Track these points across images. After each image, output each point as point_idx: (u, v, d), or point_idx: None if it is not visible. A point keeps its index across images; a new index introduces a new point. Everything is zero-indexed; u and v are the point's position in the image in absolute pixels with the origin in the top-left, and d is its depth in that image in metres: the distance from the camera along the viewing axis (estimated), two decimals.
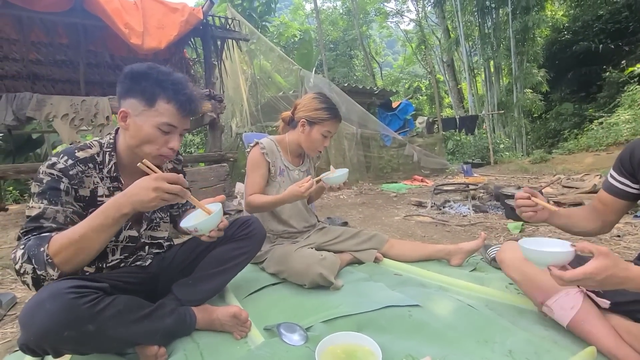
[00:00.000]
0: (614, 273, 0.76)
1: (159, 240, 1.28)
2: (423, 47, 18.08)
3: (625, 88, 8.33)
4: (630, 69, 8.83)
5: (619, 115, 7.52)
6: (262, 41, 6.32)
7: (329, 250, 1.64)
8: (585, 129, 8.48)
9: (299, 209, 1.74)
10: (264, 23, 8.40)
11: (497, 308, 1.28)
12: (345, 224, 2.55)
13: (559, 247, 0.90)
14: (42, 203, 0.93)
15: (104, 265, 1.11)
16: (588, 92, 11.07)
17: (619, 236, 2.15)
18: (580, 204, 2.94)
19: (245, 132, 4.83)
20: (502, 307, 1.29)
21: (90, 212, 0.97)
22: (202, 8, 4.13)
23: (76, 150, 1.02)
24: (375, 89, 8.66)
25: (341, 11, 20.70)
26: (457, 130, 9.21)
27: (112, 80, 5.10)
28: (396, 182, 5.77)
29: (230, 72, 5.68)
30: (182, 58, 5.02)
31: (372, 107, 8.37)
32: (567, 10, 13.16)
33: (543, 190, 3.29)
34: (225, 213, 3.68)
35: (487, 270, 1.68)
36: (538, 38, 11.64)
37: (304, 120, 1.60)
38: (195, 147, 9.18)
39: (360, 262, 1.75)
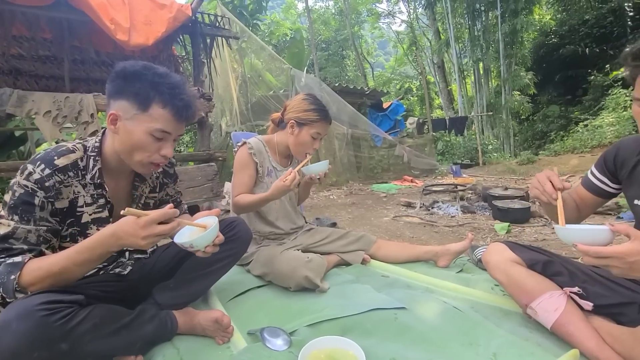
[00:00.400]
0: None
1: None
2: (414, 48, 18.21)
3: (610, 91, 8.53)
4: (615, 72, 9.05)
5: (603, 118, 7.70)
6: (253, 40, 6.26)
7: (316, 252, 1.63)
8: (571, 131, 8.66)
9: (286, 210, 1.72)
10: (255, 21, 8.33)
11: (482, 310, 1.28)
12: (334, 224, 2.54)
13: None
14: (12, 220, 0.86)
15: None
16: (574, 95, 11.30)
17: None
18: None
19: (235, 131, 4.78)
20: (488, 309, 1.30)
21: (69, 224, 0.93)
22: (191, 5, 4.07)
23: (56, 157, 0.94)
24: (366, 89, 8.67)
25: (333, 11, 20.72)
26: (447, 131, 9.30)
27: (98, 77, 4.98)
28: (386, 183, 5.79)
29: (220, 71, 5.61)
30: (171, 55, 4.92)
31: (363, 107, 8.39)
32: (554, 14, 13.41)
33: (529, 191, 3.34)
34: None
35: (474, 271, 1.69)
36: (526, 41, 11.84)
37: (293, 121, 1.58)
38: (185, 145, 9.06)
39: (347, 264, 1.74)
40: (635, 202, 1.01)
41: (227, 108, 5.90)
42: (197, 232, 1.00)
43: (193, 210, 3.56)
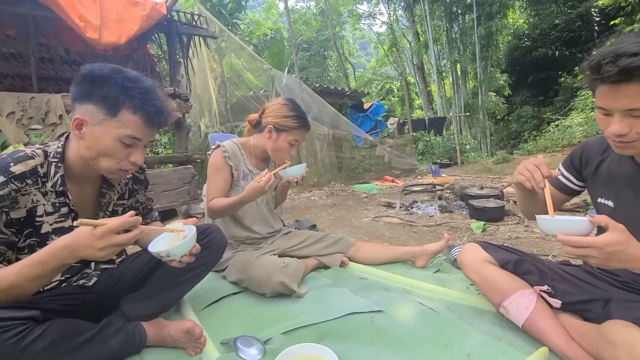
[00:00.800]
0: (624, 249, 0.73)
1: None
2: (394, 49, 18.47)
3: (579, 93, 8.93)
4: (581, 76, 9.47)
5: (572, 118, 8.05)
6: (232, 39, 6.16)
7: (293, 256, 1.61)
8: (543, 131, 9.01)
9: (262, 214, 1.68)
10: (234, 20, 8.20)
11: (457, 310, 1.29)
12: (313, 226, 2.52)
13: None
14: None
15: (40, 289, 0.99)
16: (546, 96, 11.78)
17: None
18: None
19: (215, 132, 4.69)
20: (463, 308, 1.31)
21: (27, 234, 0.87)
22: (165, 3, 3.96)
23: (12, 163, 0.87)
24: (347, 90, 8.72)
25: (315, 11, 20.72)
26: (427, 131, 9.48)
27: (69, 76, 4.76)
28: (368, 183, 5.82)
29: (198, 71, 5.49)
30: (146, 54, 4.78)
31: (344, 108, 8.42)
32: (527, 18, 13.94)
33: (504, 190, 3.44)
34: (191, 217, 3.54)
35: (450, 271, 1.71)
36: (501, 44, 12.24)
37: (271, 126, 1.55)
38: (163, 147, 8.81)
39: (326, 267, 1.73)
40: (599, 200, 1.05)
41: (206, 109, 5.78)
42: (172, 241, 0.96)
43: (170, 214, 3.46)
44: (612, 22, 7.81)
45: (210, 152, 1.61)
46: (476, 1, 10.65)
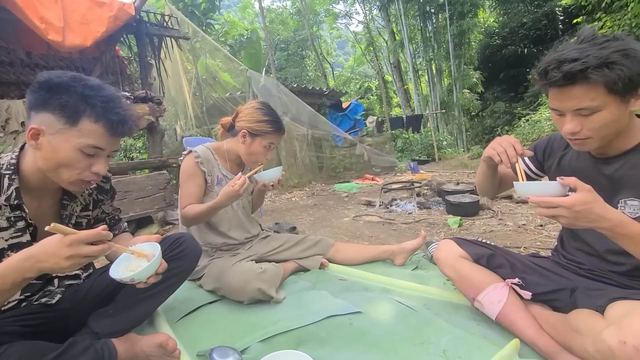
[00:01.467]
0: (591, 209, 0.76)
1: (76, 271, 1.12)
2: (371, 48, 18.66)
3: None
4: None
5: (541, 113, 8.38)
6: (206, 40, 6.04)
7: (271, 261, 1.59)
8: (515, 126, 9.34)
9: (239, 219, 1.65)
10: (208, 21, 8.03)
11: (434, 307, 1.32)
12: (293, 229, 2.50)
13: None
14: None
15: None
16: (517, 92, 12.23)
17: (541, 225, 2.36)
18: (510, 197, 3.20)
19: (191, 136, 4.57)
20: (440, 305, 1.34)
21: None
22: (133, 3, 3.82)
23: None
24: (325, 89, 8.73)
25: (291, 11, 20.62)
26: (405, 129, 9.63)
27: (31, 81, 4.46)
28: (348, 182, 5.85)
29: (171, 72, 5.34)
30: (115, 57, 4.60)
31: (323, 107, 8.43)
32: (497, 17, 14.42)
33: None
34: (167, 223, 3.44)
35: (428, 267, 1.74)
36: (473, 42, 12.60)
37: (245, 130, 1.52)
38: (138, 152, 8.52)
39: (305, 270, 1.72)
40: None
41: (182, 111, 5.64)
42: (135, 261, 0.92)
43: (146, 222, 3.35)
44: (575, 21, 8.18)
45: (181, 158, 1.56)
46: (448, 0, 10.92)
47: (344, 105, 9.19)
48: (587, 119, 0.84)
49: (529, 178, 1.20)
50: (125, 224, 1.29)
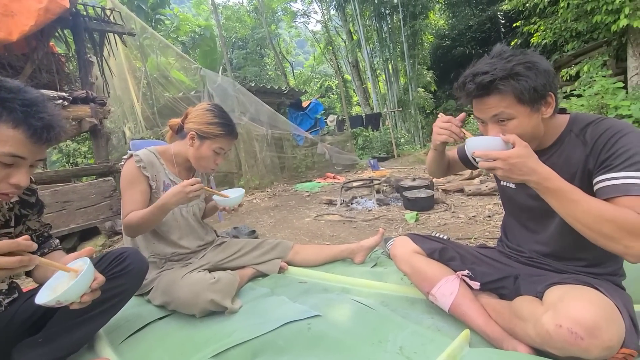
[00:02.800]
0: (525, 162, 0.83)
1: None
2: (330, 47, 18.82)
3: None
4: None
5: None
6: (156, 36, 5.69)
7: (227, 268, 1.52)
8: (466, 122, 9.90)
9: (190, 227, 1.56)
10: (157, 16, 7.58)
11: (392, 303, 1.34)
12: (252, 232, 2.43)
13: None
14: None
15: None
16: None
17: (489, 216, 2.52)
18: (462, 190, 3.38)
19: (141, 138, 4.28)
20: (397, 300, 1.36)
21: None
22: None
23: None
24: (284, 88, 8.64)
25: (248, 8, 20.15)
26: (364, 127, 9.84)
27: None
28: (310, 181, 5.85)
29: (117, 71, 4.97)
30: (50, 54, 4.18)
31: (282, 107, 8.35)
32: (446, 19, 15.22)
33: (433, 180, 3.70)
34: (116, 233, 3.19)
35: (387, 264, 1.77)
36: (425, 43, 13.19)
37: (193, 133, 1.43)
38: (82, 157, 7.85)
39: (264, 275, 1.66)
40: (502, 183, 1.16)
41: (130, 112, 5.28)
42: (67, 280, 0.83)
43: (91, 233, 3.08)
44: (514, 24, 8.86)
45: (121, 164, 1.44)
46: (401, 2, 11.32)
47: (304, 104, 9.18)
48: (506, 127, 0.92)
49: (471, 165, 1.31)
50: (57, 240, 1.16)
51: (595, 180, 0.88)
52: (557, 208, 0.86)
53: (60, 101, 3.17)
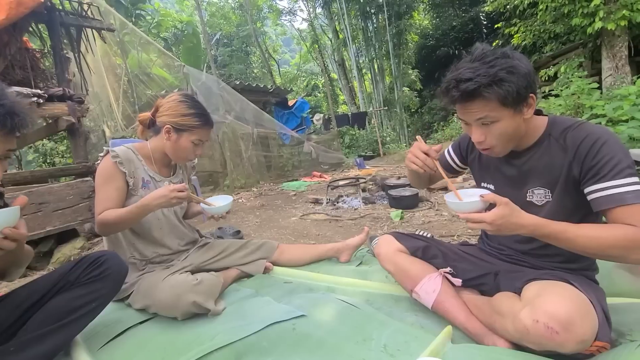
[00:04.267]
0: (509, 220, 0.85)
1: None
2: (316, 46, 18.77)
3: None
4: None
5: None
6: (136, 32, 5.54)
7: (210, 270, 1.49)
8: (450, 121, 10.10)
9: (172, 225, 1.52)
10: (138, 11, 7.37)
11: (376, 301, 1.34)
12: (237, 233, 2.40)
13: (472, 198, 0.96)
14: None
15: None
16: None
17: None
18: (446, 188, 3.43)
19: (118, 137, 4.16)
20: (381, 298, 1.37)
21: None
22: None
23: None
24: (270, 87, 8.58)
25: (233, 5, 19.85)
26: (351, 125, 9.88)
27: None
28: (297, 180, 5.83)
29: (96, 68, 4.82)
30: (23, 49, 4.01)
31: (268, 105, 8.28)
32: (430, 20, 15.42)
33: None
34: (96, 235, 3.09)
35: (372, 262, 1.78)
36: (410, 43, 13.34)
37: (169, 126, 1.39)
38: (60, 156, 7.57)
39: (249, 276, 1.65)
40: (482, 184, 1.19)
41: (109, 111, 5.13)
42: None
43: (69, 235, 2.96)
44: (496, 26, 9.06)
45: (98, 161, 1.39)
46: (386, 1, 11.39)
47: (290, 102, 9.14)
48: (489, 128, 0.94)
49: (454, 170, 1.31)
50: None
51: (587, 191, 0.91)
52: (558, 246, 0.88)
53: (35, 99, 3.05)
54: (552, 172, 0.97)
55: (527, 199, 1.03)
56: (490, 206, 0.88)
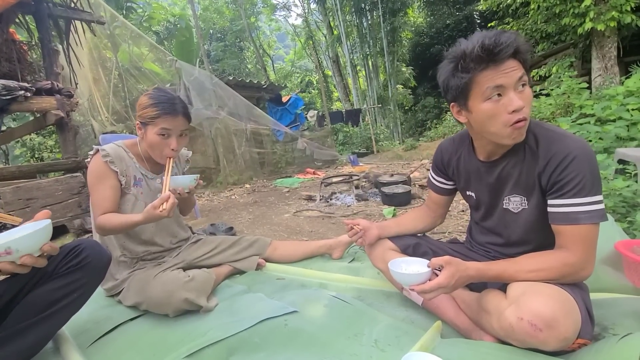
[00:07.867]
0: (459, 277, 0.90)
1: None
2: (311, 42, 18.67)
3: None
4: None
5: None
6: (127, 25, 5.44)
7: (203, 266, 1.49)
8: (443, 119, 10.18)
9: (164, 223, 1.51)
10: (129, 4, 7.23)
11: (367, 297, 1.36)
12: (230, 229, 2.40)
13: (419, 266, 1.01)
14: None
15: None
16: None
17: (462, 211, 2.60)
18: None
19: (108, 132, 4.10)
20: (373, 294, 1.39)
21: None
22: None
23: None
24: (263, 83, 8.52)
25: None
26: (344, 122, 9.88)
27: None
28: (290, 177, 5.82)
29: (85, 61, 4.72)
30: (10, 41, 3.91)
31: (262, 101, 8.24)
32: (425, 17, 15.45)
33: (411, 176, 3.77)
34: (86, 231, 3.06)
35: (364, 258, 1.79)
36: (404, 40, 13.35)
37: (138, 122, 1.37)
38: (49, 151, 7.44)
39: (241, 272, 1.65)
40: (467, 192, 1.20)
41: (99, 105, 5.04)
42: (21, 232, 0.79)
43: (57, 232, 2.92)
44: (489, 25, 9.12)
45: (88, 160, 1.37)
46: None
47: (284, 99, 9.09)
48: (523, 95, 0.88)
49: (450, 191, 1.28)
50: None
51: (549, 203, 0.93)
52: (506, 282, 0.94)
53: (22, 92, 2.98)
54: (528, 180, 0.97)
55: (504, 207, 1.04)
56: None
